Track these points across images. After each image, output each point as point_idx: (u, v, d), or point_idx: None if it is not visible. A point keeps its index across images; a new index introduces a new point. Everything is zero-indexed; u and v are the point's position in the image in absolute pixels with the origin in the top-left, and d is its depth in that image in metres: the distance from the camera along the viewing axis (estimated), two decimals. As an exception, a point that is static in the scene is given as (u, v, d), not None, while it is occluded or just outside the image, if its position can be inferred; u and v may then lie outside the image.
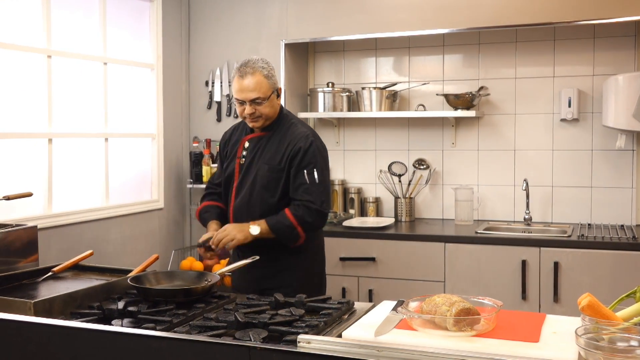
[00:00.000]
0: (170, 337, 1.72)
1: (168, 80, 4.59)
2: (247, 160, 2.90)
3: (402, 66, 4.70)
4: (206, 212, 3.02)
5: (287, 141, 2.85)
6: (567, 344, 1.78)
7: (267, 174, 2.84)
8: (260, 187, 2.84)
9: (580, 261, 3.70)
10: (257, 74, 2.79)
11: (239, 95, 2.81)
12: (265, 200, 2.84)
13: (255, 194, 2.85)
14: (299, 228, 2.76)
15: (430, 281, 3.95)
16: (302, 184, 2.80)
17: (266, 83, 2.81)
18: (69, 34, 3.85)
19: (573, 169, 4.33)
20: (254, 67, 2.80)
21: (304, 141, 2.83)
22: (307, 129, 2.93)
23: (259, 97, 2.78)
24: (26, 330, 1.93)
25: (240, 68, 2.81)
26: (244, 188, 2.88)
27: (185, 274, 2.54)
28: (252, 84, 2.78)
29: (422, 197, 4.66)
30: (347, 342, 1.58)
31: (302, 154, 2.81)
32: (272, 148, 2.86)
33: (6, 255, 2.80)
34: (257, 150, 2.89)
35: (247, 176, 2.88)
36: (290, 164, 2.82)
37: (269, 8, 4.55)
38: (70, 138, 3.87)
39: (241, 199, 2.88)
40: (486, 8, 4.06)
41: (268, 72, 2.83)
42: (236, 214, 2.90)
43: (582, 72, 4.30)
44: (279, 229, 2.75)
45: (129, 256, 4.15)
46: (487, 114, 4.50)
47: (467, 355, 1.48)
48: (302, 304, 2.25)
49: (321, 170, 2.84)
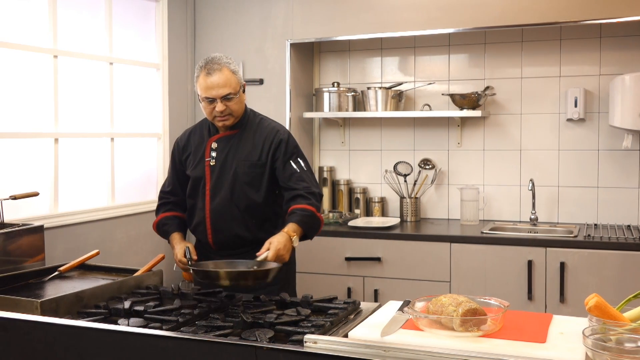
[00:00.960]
0: (178, 337, 1.72)
1: (173, 80, 4.60)
2: (220, 161, 2.85)
3: (407, 66, 4.69)
4: (165, 224, 2.95)
5: (263, 135, 2.86)
6: (574, 344, 1.77)
7: (248, 171, 2.83)
8: (242, 184, 2.82)
9: (586, 261, 3.69)
10: (224, 70, 2.74)
11: (208, 93, 2.74)
12: (248, 196, 2.83)
13: (238, 192, 2.83)
14: (318, 214, 2.79)
15: (436, 281, 3.94)
16: (294, 173, 2.82)
17: (234, 78, 2.77)
18: (75, 33, 3.86)
19: (579, 169, 4.32)
20: (220, 63, 2.74)
21: (282, 134, 2.88)
22: (277, 123, 2.97)
23: (230, 93, 2.74)
24: (33, 329, 1.93)
25: (207, 65, 2.75)
26: (222, 188, 2.84)
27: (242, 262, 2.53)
28: (221, 80, 2.73)
29: (428, 197, 4.65)
30: (354, 342, 1.58)
31: (285, 146, 2.85)
32: (248, 145, 2.85)
33: (13, 254, 2.81)
34: (229, 149, 2.85)
35: (224, 176, 2.84)
36: (274, 157, 2.83)
37: (274, 8, 4.55)
38: (76, 138, 3.88)
39: (221, 199, 2.84)
40: (492, 8, 4.05)
41: (234, 67, 2.79)
42: (215, 214, 2.85)
43: (588, 72, 4.29)
44: (307, 222, 2.73)
45: (134, 256, 4.16)
46: (493, 114, 4.49)
47: (474, 356, 1.48)
48: (308, 304, 2.25)
49: (303, 158, 2.91)
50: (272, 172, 2.85)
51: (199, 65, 2.79)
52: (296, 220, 2.71)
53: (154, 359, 1.82)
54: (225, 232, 2.86)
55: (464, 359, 1.47)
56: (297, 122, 4.59)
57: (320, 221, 2.81)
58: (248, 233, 2.84)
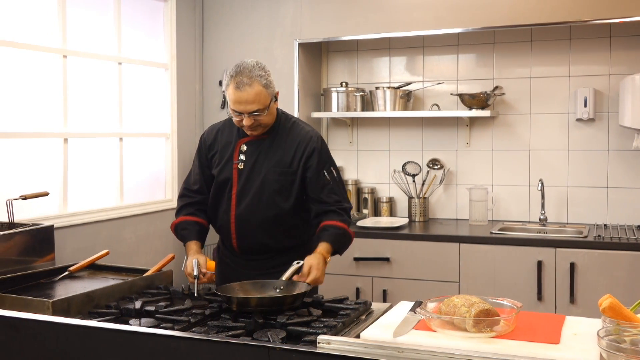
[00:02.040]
0: (190, 337, 1.71)
1: (182, 80, 4.60)
2: (248, 165, 2.73)
3: (416, 66, 4.68)
4: (184, 228, 2.81)
5: (295, 142, 2.72)
6: (588, 345, 1.76)
7: (278, 178, 2.71)
8: (271, 191, 2.71)
9: (596, 262, 3.67)
10: (255, 85, 2.56)
11: (236, 107, 2.59)
12: (277, 205, 2.72)
13: (266, 199, 2.71)
14: (350, 231, 2.73)
15: (445, 281, 3.93)
16: (326, 185, 2.72)
17: (265, 93, 2.59)
18: (84, 33, 3.86)
19: (589, 169, 4.30)
20: (251, 77, 2.56)
21: (316, 141, 2.74)
22: (310, 127, 2.83)
23: (258, 109, 2.59)
24: (45, 329, 1.93)
25: (236, 78, 2.57)
26: (250, 194, 2.72)
27: (269, 283, 2.41)
28: (250, 96, 2.56)
29: (436, 197, 4.64)
30: (368, 343, 1.57)
31: (318, 155, 2.73)
32: (279, 150, 2.72)
33: (23, 254, 2.82)
34: (259, 153, 2.73)
35: (252, 181, 2.72)
36: (306, 165, 2.71)
37: (282, 8, 4.54)
38: (85, 138, 3.88)
39: (247, 205, 2.73)
40: (501, 7, 4.04)
41: (266, 80, 2.60)
42: (240, 220, 2.74)
43: (598, 72, 4.27)
44: (339, 240, 2.67)
45: (143, 255, 4.16)
46: (501, 114, 4.47)
47: (489, 357, 1.47)
48: (319, 304, 2.24)
49: (336, 168, 2.82)
50: (302, 180, 2.73)
51: (230, 73, 2.61)
52: (329, 240, 2.64)
53: (166, 359, 1.81)
54: (250, 239, 2.76)
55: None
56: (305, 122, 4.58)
57: (351, 238, 2.75)
58: (274, 241, 2.75)
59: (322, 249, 2.61)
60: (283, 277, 2.45)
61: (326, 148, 2.81)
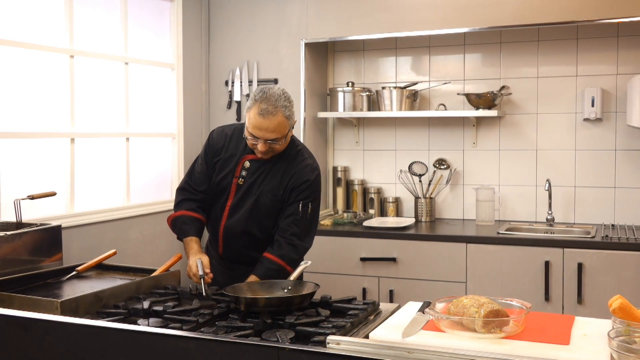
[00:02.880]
0: (199, 338, 1.71)
1: (188, 80, 4.60)
2: (247, 183, 2.77)
3: (422, 65, 4.67)
4: (185, 223, 2.85)
5: (291, 172, 2.76)
6: (598, 346, 1.76)
7: (270, 204, 2.76)
8: (260, 215, 2.77)
9: (604, 262, 3.66)
10: (278, 115, 2.59)
11: (255, 132, 2.61)
12: (263, 225, 2.79)
13: (254, 219, 2.78)
14: (288, 267, 2.68)
15: (452, 282, 3.92)
16: (293, 214, 2.73)
17: (286, 123, 2.63)
18: (91, 33, 3.87)
19: (596, 169, 4.29)
20: (275, 106, 2.58)
21: (309, 174, 2.77)
22: (312, 159, 2.84)
23: (277, 138, 2.63)
24: (54, 329, 1.93)
25: (261, 104, 2.58)
26: (241, 210, 2.78)
27: (277, 283, 2.42)
28: (272, 125, 2.59)
29: (443, 197, 4.63)
30: (378, 344, 1.56)
31: (305, 187, 2.75)
32: (277, 177, 2.76)
33: (31, 254, 2.82)
34: (259, 174, 2.77)
35: (246, 199, 2.77)
36: (290, 193, 2.75)
37: (289, 7, 4.54)
38: (92, 138, 3.89)
39: (236, 220, 2.79)
40: (508, 7, 4.02)
41: (290, 111, 2.64)
42: (227, 232, 2.83)
43: (605, 71, 4.25)
44: (271, 276, 2.63)
45: (149, 255, 4.16)
46: (508, 114, 4.46)
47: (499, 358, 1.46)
48: (327, 305, 2.24)
49: (316, 205, 2.82)
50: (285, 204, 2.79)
51: (255, 96, 2.62)
52: (259, 275, 2.65)
53: (174, 359, 1.81)
54: (235, 249, 2.86)
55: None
56: (311, 122, 4.58)
57: (289, 274, 2.62)
58: (255, 252, 2.79)
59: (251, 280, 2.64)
60: (290, 278, 2.46)
61: (318, 184, 2.82)
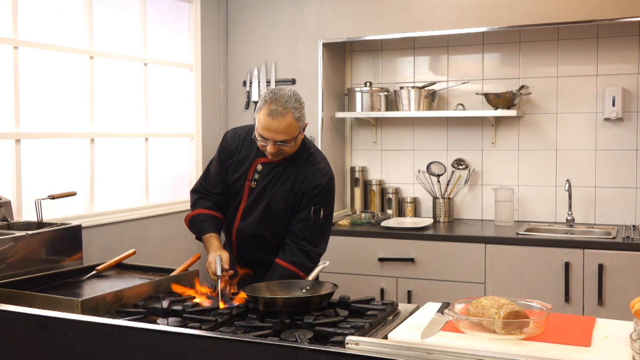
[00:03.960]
0: (218, 337, 1.72)
1: (206, 81, 4.62)
2: (260, 186, 2.76)
3: (440, 65, 4.65)
4: (203, 220, 2.85)
5: (303, 176, 2.73)
6: (620, 348, 1.74)
7: (281, 208, 2.75)
8: (272, 218, 2.76)
9: (625, 263, 3.62)
10: (288, 116, 2.56)
11: (264, 133, 2.58)
12: (275, 229, 2.79)
13: (266, 223, 2.77)
14: (301, 274, 2.66)
15: (471, 283, 3.90)
16: (305, 220, 2.72)
17: (295, 125, 2.59)
18: (110, 34, 3.89)
19: (617, 169, 4.24)
20: (285, 107, 2.55)
21: (321, 178, 2.74)
22: (324, 163, 2.81)
23: (286, 140, 2.60)
24: (74, 328, 1.95)
25: (271, 105, 2.56)
26: (254, 213, 2.78)
27: (296, 283, 2.40)
28: (281, 127, 2.56)
29: (461, 197, 4.61)
30: (397, 344, 1.56)
31: (317, 192, 2.72)
32: (289, 181, 2.74)
33: (52, 253, 2.84)
34: (271, 177, 2.75)
35: (258, 202, 2.77)
36: (302, 198, 2.73)
37: (307, 7, 4.54)
38: (111, 138, 3.91)
39: (248, 223, 2.79)
40: (527, 6, 3.99)
41: (300, 113, 2.61)
42: (240, 234, 2.83)
43: (626, 70, 4.21)
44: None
45: (167, 255, 4.18)
46: (528, 114, 4.43)
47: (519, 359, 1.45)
48: (346, 305, 2.24)
49: (329, 209, 2.79)
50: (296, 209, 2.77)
51: (265, 97, 2.60)
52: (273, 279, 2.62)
53: (194, 358, 1.82)
54: (248, 251, 2.87)
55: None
56: (329, 122, 4.58)
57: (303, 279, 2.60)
58: (269, 255, 2.79)
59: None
60: (309, 278, 2.46)
61: (330, 188, 2.79)
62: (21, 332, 2.07)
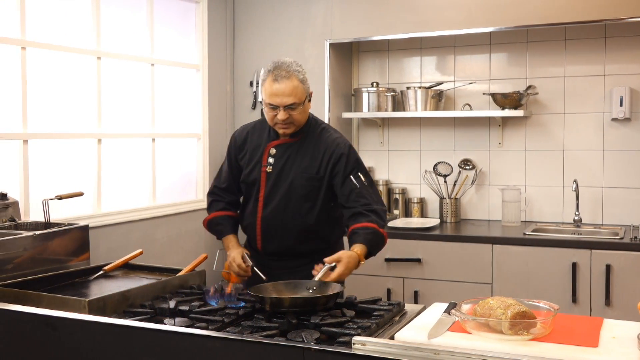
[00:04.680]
0: (225, 337, 1.72)
1: (213, 81, 4.62)
2: (277, 169, 2.75)
3: (447, 65, 4.65)
4: (218, 223, 2.89)
5: (323, 148, 2.73)
6: (628, 349, 1.73)
7: (305, 184, 2.72)
8: (298, 197, 2.73)
9: (633, 264, 3.60)
10: (293, 78, 2.62)
11: (272, 100, 2.62)
12: (303, 210, 2.74)
13: (293, 205, 2.74)
14: (381, 230, 2.66)
15: (478, 283, 3.89)
16: (353, 190, 2.69)
17: (301, 88, 2.64)
18: (118, 35, 3.91)
19: (625, 169, 4.22)
20: (289, 71, 2.62)
21: (343, 147, 2.74)
22: (338, 134, 2.82)
23: (294, 103, 2.62)
24: (82, 328, 1.96)
25: (275, 71, 2.63)
26: (276, 198, 2.75)
27: (302, 283, 2.39)
28: (288, 88, 2.60)
29: (468, 197, 4.60)
30: (403, 345, 1.56)
31: (345, 160, 2.72)
32: (307, 156, 2.74)
33: (59, 253, 2.85)
34: (287, 157, 2.75)
35: (279, 185, 2.75)
36: (333, 171, 2.71)
37: (313, 8, 4.54)
38: (118, 138, 3.92)
39: (273, 209, 2.76)
40: (534, 6, 3.98)
41: (303, 76, 2.66)
42: (266, 225, 2.78)
43: (634, 70, 4.19)
44: (371, 240, 2.61)
45: (174, 255, 4.19)
46: (535, 114, 4.42)
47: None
48: (352, 305, 2.23)
49: (364, 172, 2.78)
50: (329, 186, 2.74)
51: (267, 68, 2.66)
52: (362, 241, 2.60)
53: (201, 359, 1.82)
54: (275, 242, 2.79)
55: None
56: (335, 122, 4.58)
57: (384, 237, 2.68)
58: (299, 244, 2.76)
59: (358, 249, 2.58)
60: (315, 278, 2.45)
61: (354, 153, 2.79)
62: (28, 332, 2.07)
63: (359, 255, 2.55)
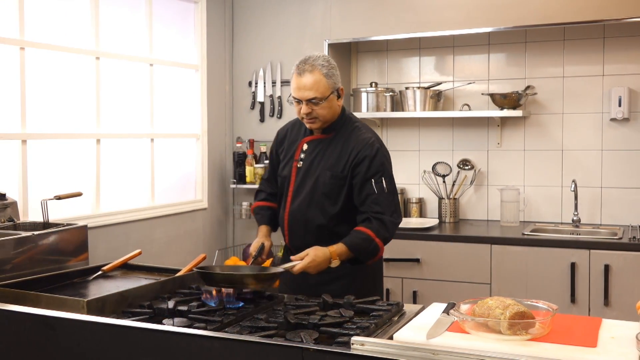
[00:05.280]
0: (224, 337, 1.72)
1: (212, 81, 4.62)
2: (306, 164, 2.74)
3: (446, 65, 4.65)
4: (257, 213, 2.94)
5: (350, 147, 2.68)
6: (627, 349, 1.73)
7: (329, 182, 2.69)
8: (321, 194, 2.70)
9: (631, 264, 3.61)
10: (315, 72, 2.61)
11: (295, 93, 2.65)
12: (325, 208, 2.70)
13: (316, 201, 2.71)
14: (377, 240, 2.60)
15: (476, 283, 3.89)
16: (370, 195, 2.64)
17: (325, 82, 2.62)
18: (116, 35, 3.91)
19: (623, 169, 4.23)
20: (313, 65, 2.62)
21: (369, 149, 2.66)
22: (371, 134, 2.74)
23: (315, 97, 2.61)
24: (80, 328, 1.95)
25: (300, 65, 2.65)
26: (302, 193, 2.74)
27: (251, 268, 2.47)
28: (309, 82, 2.61)
29: (467, 197, 4.60)
30: (402, 345, 1.56)
31: (368, 163, 2.64)
32: (335, 154, 2.70)
33: (57, 254, 2.85)
34: (316, 153, 2.73)
35: (306, 181, 2.73)
36: (354, 172, 2.65)
37: (312, 8, 4.54)
38: (117, 139, 3.92)
39: (298, 204, 2.74)
40: (532, 6, 3.99)
41: (328, 70, 2.64)
42: (292, 219, 2.76)
43: (632, 70, 4.19)
44: (358, 245, 2.59)
45: (173, 255, 4.19)
46: (533, 114, 4.42)
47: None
48: (351, 305, 2.23)
49: (389, 178, 2.71)
50: (351, 186, 2.68)
51: (296, 63, 2.68)
52: (346, 242, 2.58)
53: (199, 359, 1.82)
54: (299, 238, 2.76)
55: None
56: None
57: (378, 247, 2.61)
58: (319, 243, 2.67)
59: (334, 247, 2.57)
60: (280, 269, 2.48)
61: (381, 157, 2.70)
62: (27, 332, 2.07)
63: (331, 253, 2.54)
